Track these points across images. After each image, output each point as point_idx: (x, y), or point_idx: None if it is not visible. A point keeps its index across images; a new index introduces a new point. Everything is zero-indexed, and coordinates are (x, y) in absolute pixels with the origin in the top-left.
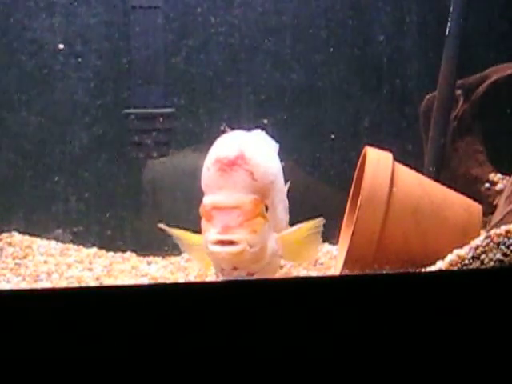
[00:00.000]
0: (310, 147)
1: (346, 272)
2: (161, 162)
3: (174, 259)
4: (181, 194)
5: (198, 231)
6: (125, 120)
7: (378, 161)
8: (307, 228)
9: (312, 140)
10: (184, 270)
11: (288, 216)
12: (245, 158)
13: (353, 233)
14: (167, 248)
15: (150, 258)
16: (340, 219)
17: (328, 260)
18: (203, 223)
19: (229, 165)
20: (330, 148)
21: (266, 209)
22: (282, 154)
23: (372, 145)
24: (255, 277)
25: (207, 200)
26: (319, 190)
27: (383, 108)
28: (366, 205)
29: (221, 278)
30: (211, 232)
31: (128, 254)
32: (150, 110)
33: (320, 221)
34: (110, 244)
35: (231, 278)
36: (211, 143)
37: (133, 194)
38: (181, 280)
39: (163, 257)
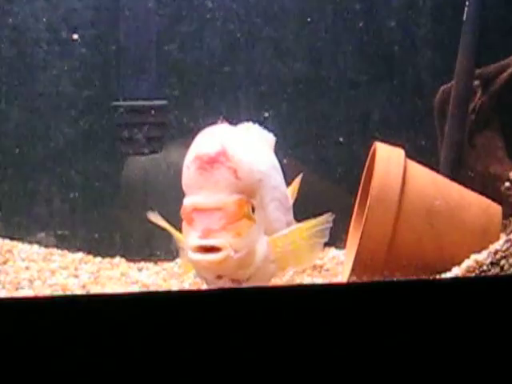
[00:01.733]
0: (315, 143)
1: (354, 279)
2: (153, 158)
3: (166, 265)
4: (175, 194)
5: None
6: (113, 113)
7: (388, 158)
8: (306, 228)
9: (316, 135)
10: (178, 277)
11: (290, 217)
12: (227, 154)
13: (361, 236)
14: (160, 253)
15: (141, 264)
16: (347, 221)
17: (334, 266)
18: (184, 226)
19: (209, 162)
20: (336, 143)
21: (253, 210)
22: (284, 149)
23: (382, 140)
24: (245, 285)
25: (187, 201)
26: (324, 190)
27: (394, 100)
28: (376, 205)
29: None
30: (191, 236)
31: (117, 259)
32: (140, 103)
33: (322, 220)
34: (97, 248)
35: (226, 287)
36: None
37: (123, 194)
38: (174, 288)
39: (155, 262)
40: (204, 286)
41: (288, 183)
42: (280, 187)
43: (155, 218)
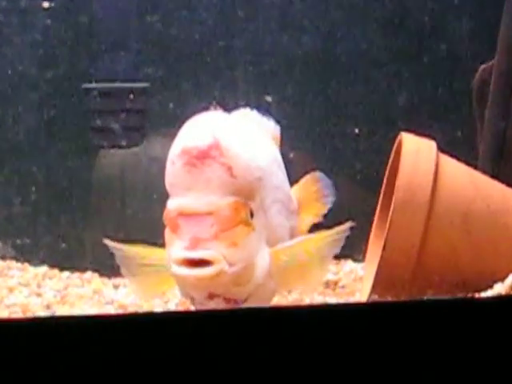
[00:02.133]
0: (328, 133)
1: (375, 298)
2: (132, 152)
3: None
4: (158, 196)
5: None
6: (84, 97)
7: (417, 151)
8: (317, 240)
9: (330, 124)
10: (162, 296)
11: (295, 221)
12: (220, 147)
13: (384, 246)
14: None
15: (118, 280)
16: (367, 228)
17: (351, 282)
18: (167, 234)
19: (199, 157)
20: (355, 135)
21: (252, 214)
22: (290, 141)
23: (409, 131)
24: (242, 306)
25: (172, 204)
26: (339, 190)
27: (424, 82)
28: (402, 209)
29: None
30: (176, 246)
31: (88, 274)
32: (116, 85)
33: (339, 231)
34: (64, 261)
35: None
36: None
37: (95, 195)
38: (158, 309)
39: None
40: (192, 308)
41: (292, 182)
42: (283, 186)
43: (110, 243)
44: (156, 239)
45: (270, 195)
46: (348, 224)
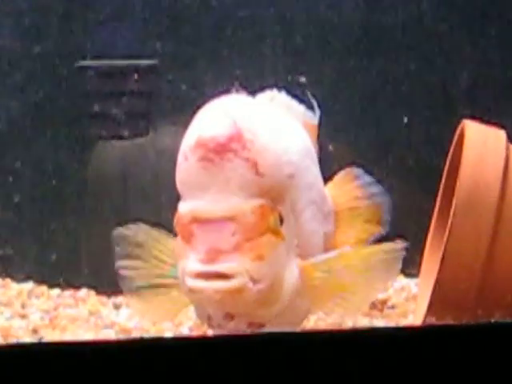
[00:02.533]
0: (374, 121)
1: (432, 321)
2: (136, 144)
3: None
4: (168, 197)
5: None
6: (79, 78)
7: (483, 143)
8: (362, 256)
9: (376, 109)
10: (173, 318)
11: (330, 227)
12: (243, 139)
13: (443, 258)
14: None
15: (119, 299)
16: (422, 236)
17: (403, 302)
18: (179, 245)
19: (217, 151)
20: (406, 122)
21: (281, 220)
22: (327, 130)
23: (473, 118)
24: (267, 330)
25: (184, 208)
26: (388, 190)
27: (491, 57)
28: (465, 213)
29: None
30: (191, 259)
31: (83, 291)
32: (117, 62)
33: (390, 248)
34: (54, 276)
35: (230, 333)
36: None
37: (92, 195)
38: (168, 334)
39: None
40: (209, 332)
41: (326, 178)
42: (317, 185)
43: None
44: None
45: (303, 196)
46: (401, 244)
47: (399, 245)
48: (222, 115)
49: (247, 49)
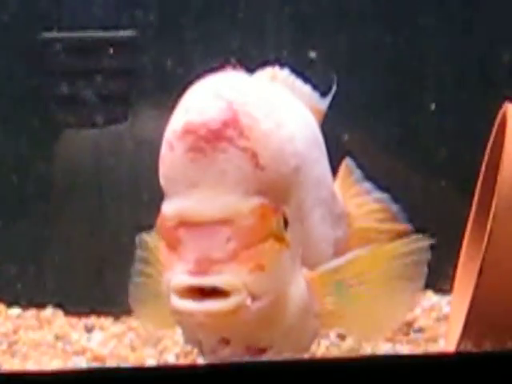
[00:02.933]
0: (397, 106)
1: (469, 347)
2: (112, 133)
3: (135, 321)
4: (149, 195)
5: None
6: (43, 53)
7: None
8: (380, 257)
9: (401, 91)
10: (157, 343)
11: (342, 231)
12: (240, 125)
13: (481, 271)
14: (124, 299)
15: (92, 320)
16: (456, 244)
17: (432, 323)
18: (163, 252)
19: (209, 139)
20: (436, 106)
21: (286, 223)
22: (339, 116)
23: None
24: (268, 356)
25: (169, 208)
26: (415, 188)
27: None
28: (508, 216)
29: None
30: (177, 270)
31: (49, 310)
32: (89, 34)
33: (412, 243)
34: (13, 292)
35: (225, 361)
36: None
37: (59, 196)
38: (150, 362)
39: (116, 317)
40: (200, 360)
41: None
42: (326, 180)
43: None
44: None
45: (311, 194)
46: (422, 237)
47: (423, 241)
48: (214, 96)
49: (245, 17)
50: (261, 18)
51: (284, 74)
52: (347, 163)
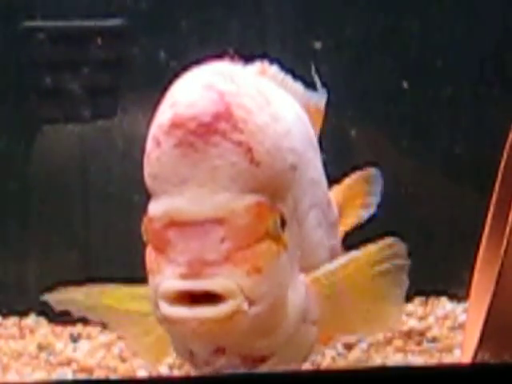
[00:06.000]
0: (411, 101)
1: (486, 358)
2: (99, 129)
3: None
4: (140, 198)
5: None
6: (25, 42)
7: None
8: (370, 257)
9: (414, 86)
10: (147, 353)
11: (336, 240)
12: (233, 117)
13: (499, 275)
14: None
15: (77, 328)
16: (471, 249)
17: (447, 333)
18: (150, 256)
19: (200, 134)
20: (452, 103)
21: (283, 223)
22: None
23: None
24: (267, 367)
25: (157, 208)
26: (429, 189)
27: None
28: None
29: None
30: (167, 274)
31: (32, 318)
32: (75, 23)
33: (391, 244)
34: None
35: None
36: None
37: (41, 197)
38: (141, 373)
39: (104, 325)
40: (192, 372)
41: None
42: (322, 184)
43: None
44: (136, 269)
45: (307, 195)
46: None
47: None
48: (204, 87)
49: (243, 4)
50: (260, 6)
51: (273, 69)
52: (373, 173)
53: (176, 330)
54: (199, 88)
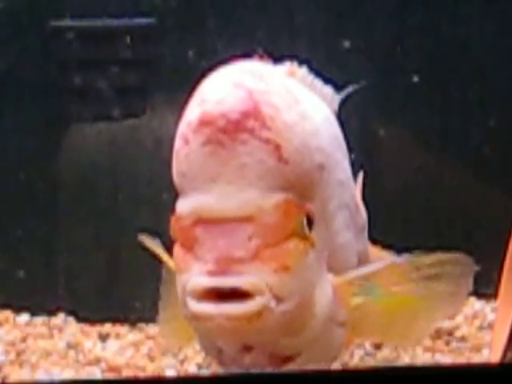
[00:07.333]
0: (437, 104)
1: None
2: (128, 127)
3: (153, 328)
4: (167, 193)
5: None
6: (54, 42)
7: None
8: (414, 266)
9: (439, 84)
10: (176, 353)
11: (365, 243)
12: (262, 115)
13: None
14: (140, 305)
15: (106, 327)
16: (500, 247)
17: (475, 332)
18: (178, 254)
19: (229, 131)
20: (478, 101)
21: (311, 222)
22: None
23: None
24: (294, 366)
25: (185, 206)
26: (455, 188)
27: None
28: None
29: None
30: (194, 272)
31: (61, 317)
32: (104, 23)
33: (452, 259)
34: (22, 298)
35: (245, 371)
36: None
37: (70, 196)
38: (170, 372)
39: (132, 324)
40: (220, 370)
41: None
42: (350, 186)
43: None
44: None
45: (335, 196)
46: (458, 257)
47: (467, 259)
48: (232, 85)
49: (274, 4)
50: (291, 6)
51: (302, 71)
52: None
53: (203, 327)
54: (228, 86)
